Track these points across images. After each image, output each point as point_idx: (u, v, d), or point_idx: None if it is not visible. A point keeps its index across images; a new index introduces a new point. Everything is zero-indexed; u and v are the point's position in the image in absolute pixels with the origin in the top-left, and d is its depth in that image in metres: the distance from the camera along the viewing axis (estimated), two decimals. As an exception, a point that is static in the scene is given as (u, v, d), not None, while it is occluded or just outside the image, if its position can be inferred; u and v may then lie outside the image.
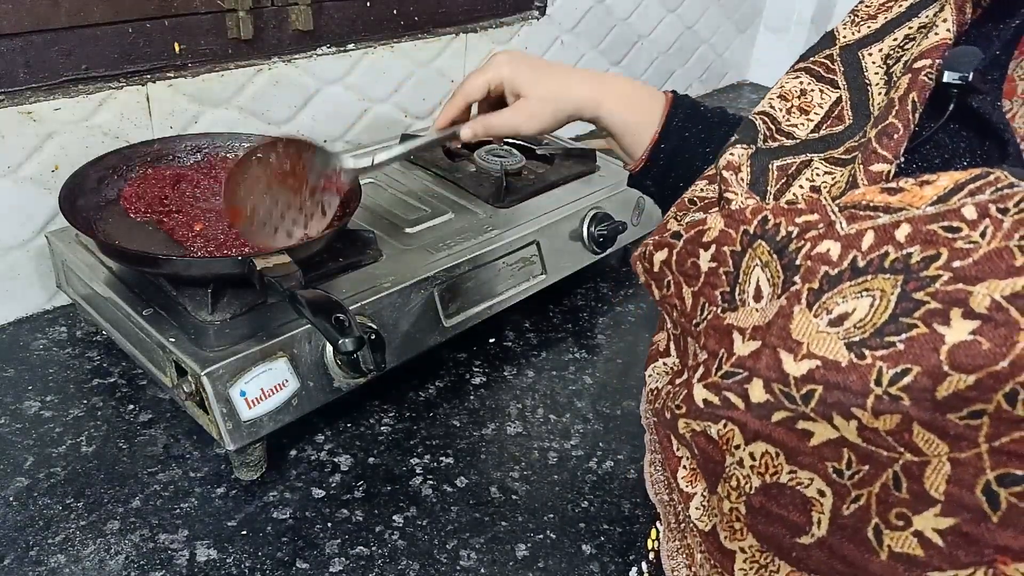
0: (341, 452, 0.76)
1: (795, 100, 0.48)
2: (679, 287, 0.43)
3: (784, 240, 0.37)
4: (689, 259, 0.42)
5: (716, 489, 0.41)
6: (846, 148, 0.44)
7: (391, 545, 0.67)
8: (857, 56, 0.48)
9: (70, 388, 0.80)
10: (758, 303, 0.37)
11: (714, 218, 0.41)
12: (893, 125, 0.39)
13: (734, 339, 0.38)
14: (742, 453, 0.38)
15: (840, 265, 0.34)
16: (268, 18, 0.98)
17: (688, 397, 0.40)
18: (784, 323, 0.35)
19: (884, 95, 0.44)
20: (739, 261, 0.39)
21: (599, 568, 0.67)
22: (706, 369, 0.39)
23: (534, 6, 1.30)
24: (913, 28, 0.47)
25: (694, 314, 0.42)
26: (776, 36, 1.83)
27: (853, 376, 0.32)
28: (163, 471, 0.72)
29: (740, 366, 0.37)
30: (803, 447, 0.35)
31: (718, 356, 0.39)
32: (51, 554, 0.64)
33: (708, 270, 0.41)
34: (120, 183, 0.81)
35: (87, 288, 0.79)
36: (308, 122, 1.07)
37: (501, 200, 0.95)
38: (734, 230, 0.40)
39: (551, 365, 0.90)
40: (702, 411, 0.39)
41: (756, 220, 0.39)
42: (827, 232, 0.35)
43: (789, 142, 0.46)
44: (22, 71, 0.82)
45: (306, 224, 0.72)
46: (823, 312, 0.34)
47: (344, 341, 0.59)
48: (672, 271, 0.44)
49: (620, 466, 0.77)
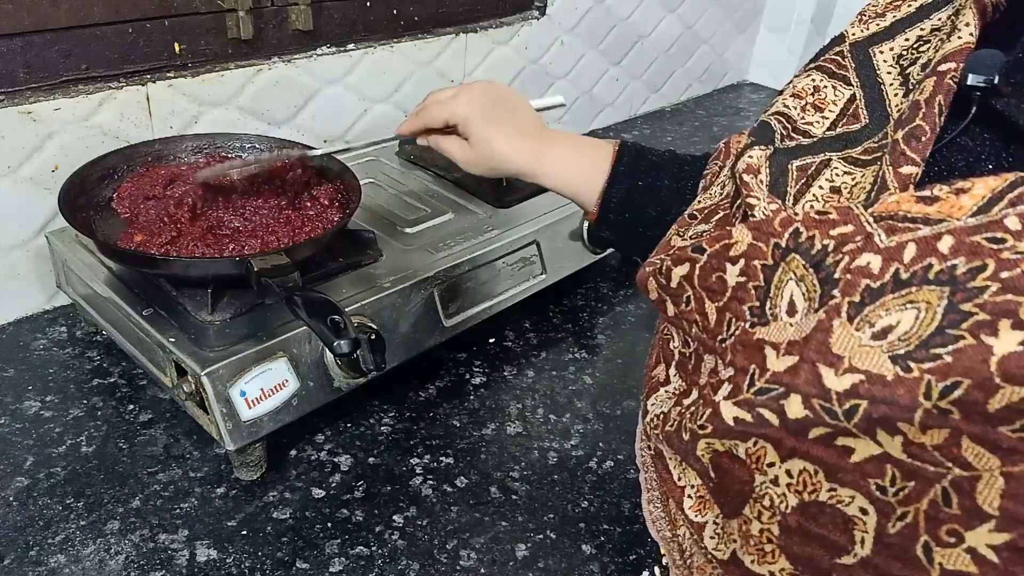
0: (341, 452, 0.76)
1: (808, 97, 0.48)
2: (701, 302, 0.43)
3: (820, 253, 0.36)
4: (714, 273, 0.42)
5: (741, 511, 0.40)
6: (865, 148, 0.43)
7: (391, 545, 0.67)
8: (868, 53, 0.48)
9: (70, 388, 0.80)
10: (792, 317, 0.37)
11: (740, 231, 0.40)
12: (920, 128, 0.39)
13: (767, 354, 0.37)
14: (777, 471, 0.37)
15: (882, 278, 0.34)
16: (268, 18, 0.98)
17: (715, 416, 0.39)
18: (824, 337, 0.34)
19: (902, 96, 0.44)
20: (771, 275, 0.38)
21: (599, 568, 0.67)
22: (735, 386, 0.38)
23: (534, 6, 1.30)
24: (926, 30, 0.47)
25: (719, 330, 0.41)
26: (776, 36, 1.83)
27: (900, 390, 0.32)
28: (163, 471, 0.72)
29: (776, 382, 0.36)
30: (844, 464, 0.35)
31: (749, 372, 0.38)
32: (51, 554, 0.64)
33: (736, 284, 0.40)
34: (120, 183, 0.81)
35: (87, 288, 0.79)
36: (308, 122, 1.07)
37: (501, 200, 0.95)
38: (764, 243, 0.39)
39: (551, 365, 0.90)
40: (731, 429, 0.38)
41: (787, 233, 0.38)
42: (866, 245, 0.35)
43: (806, 141, 0.45)
44: (22, 71, 0.82)
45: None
46: (865, 325, 0.33)
47: (340, 343, 0.59)
48: (694, 286, 0.43)
49: (620, 466, 0.77)
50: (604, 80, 1.50)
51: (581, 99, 1.48)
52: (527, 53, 1.32)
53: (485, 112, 0.69)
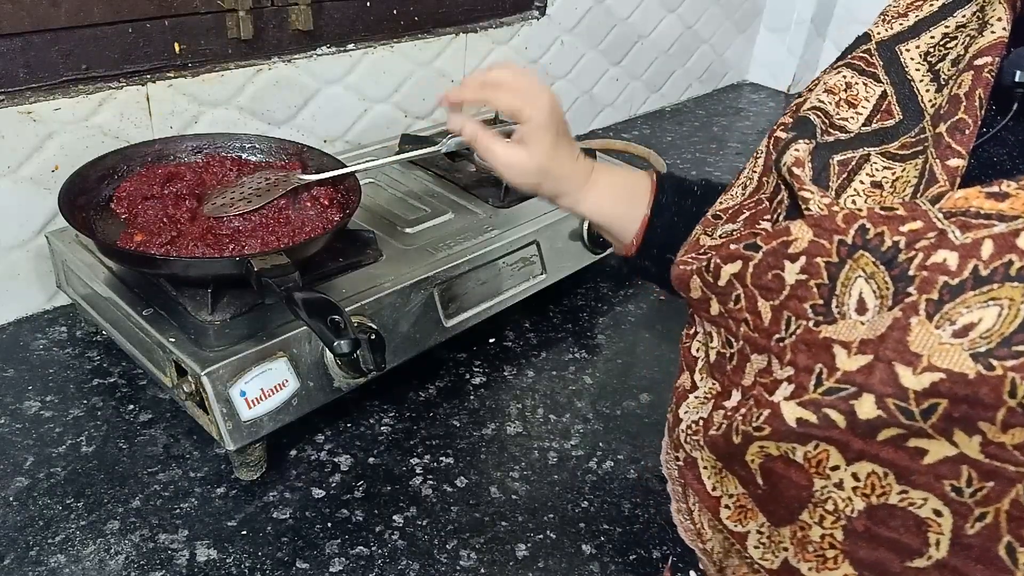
0: (341, 452, 0.76)
1: (842, 94, 0.48)
2: (753, 301, 0.42)
3: (891, 251, 0.36)
4: (770, 271, 0.41)
5: (798, 517, 0.39)
6: (902, 143, 0.43)
7: (391, 545, 0.67)
8: (895, 51, 0.48)
9: (70, 388, 0.80)
10: (862, 315, 0.36)
11: (800, 228, 0.40)
12: (963, 121, 0.39)
13: (836, 353, 0.36)
14: (842, 474, 0.37)
15: (960, 275, 0.33)
16: (268, 18, 0.98)
17: (774, 416, 0.38)
18: (901, 335, 0.34)
19: (934, 92, 0.44)
20: (836, 272, 0.37)
21: (599, 568, 0.67)
22: (798, 386, 0.38)
23: (534, 6, 1.30)
24: (951, 28, 0.47)
25: (775, 329, 0.40)
26: (776, 36, 1.83)
27: (984, 388, 0.32)
28: (163, 471, 0.72)
29: (847, 381, 0.35)
30: (916, 466, 0.34)
31: (814, 372, 0.37)
32: (51, 554, 0.64)
33: (796, 282, 0.39)
34: (120, 183, 0.81)
35: (87, 288, 0.79)
36: (308, 122, 1.07)
37: (501, 200, 0.95)
38: (827, 240, 0.38)
39: (551, 365, 0.90)
40: (792, 431, 0.38)
41: (853, 229, 0.37)
42: (940, 241, 0.34)
43: (844, 136, 0.45)
44: (22, 71, 0.82)
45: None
46: (946, 323, 0.33)
47: (339, 343, 0.59)
48: (745, 284, 0.42)
49: (620, 466, 0.77)
50: (604, 80, 1.50)
51: (581, 99, 1.48)
52: (527, 53, 1.32)
53: (558, 121, 0.64)
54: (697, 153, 1.49)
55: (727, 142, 1.56)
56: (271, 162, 0.87)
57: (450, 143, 0.87)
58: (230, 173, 0.84)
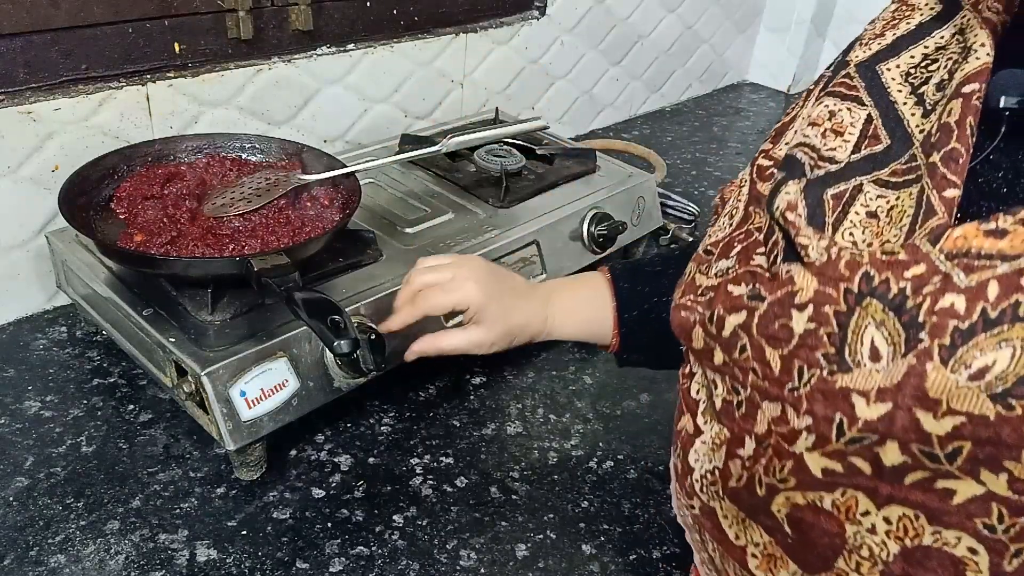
0: (341, 452, 0.76)
1: (826, 123, 0.47)
2: (760, 350, 0.41)
3: (899, 297, 0.36)
4: (777, 321, 0.41)
5: (833, 564, 0.39)
6: (893, 170, 0.43)
7: (391, 545, 0.67)
8: (875, 71, 0.48)
9: (70, 388, 0.80)
10: (876, 363, 0.36)
11: (803, 277, 0.40)
12: (956, 150, 0.39)
13: (855, 403, 0.36)
14: (873, 519, 0.37)
15: (970, 318, 0.34)
16: (268, 18, 0.98)
17: (798, 468, 0.38)
18: (918, 382, 0.34)
19: (921, 116, 0.44)
20: (846, 321, 0.38)
21: (599, 568, 0.67)
22: (820, 436, 0.38)
23: (534, 6, 1.30)
24: (930, 48, 0.47)
25: (787, 378, 0.40)
26: (776, 36, 1.83)
27: (1006, 429, 0.32)
28: (163, 471, 0.72)
29: (869, 430, 0.36)
30: (946, 506, 0.35)
31: (834, 422, 0.37)
32: (51, 554, 0.64)
33: (805, 332, 0.39)
34: (120, 183, 0.81)
35: (87, 288, 0.79)
36: (308, 122, 1.07)
37: (501, 200, 0.95)
38: (833, 289, 0.38)
39: (551, 365, 0.90)
40: (818, 481, 0.38)
41: (858, 277, 0.37)
42: (945, 285, 0.35)
43: (834, 167, 0.45)
44: (22, 71, 0.82)
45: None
46: (961, 367, 0.33)
47: (339, 343, 0.59)
48: (751, 334, 0.42)
49: (620, 466, 0.77)
50: (604, 80, 1.50)
51: (581, 99, 1.48)
52: (527, 53, 1.32)
53: (490, 289, 0.66)
54: (697, 153, 1.49)
55: (727, 142, 1.56)
56: (271, 162, 0.87)
57: (450, 143, 0.87)
58: (230, 173, 0.84)
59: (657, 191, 1.10)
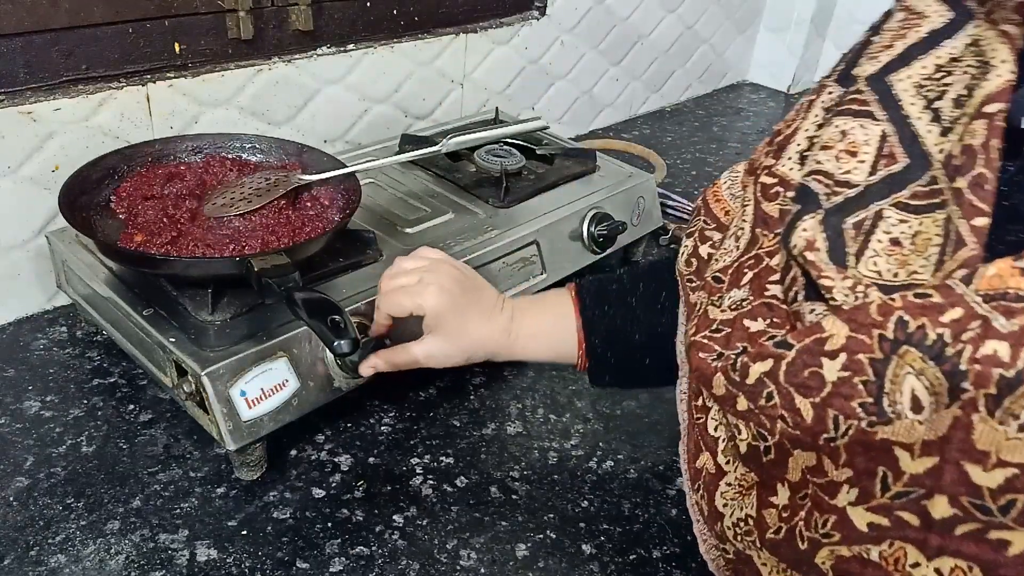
0: (341, 452, 0.76)
1: (838, 145, 0.45)
2: (789, 399, 0.40)
3: (937, 344, 0.34)
4: (807, 369, 0.39)
5: None
6: (913, 192, 0.41)
7: (391, 545, 0.67)
8: (885, 83, 0.46)
9: (70, 388, 0.80)
10: (918, 415, 0.35)
11: (833, 323, 0.38)
12: (983, 176, 0.37)
13: (898, 456, 0.35)
14: (924, 571, 0.36)
15: (1015, 366, 0.32)
16: (268, 18, 0.98)
17: (842, 524, 0.37)
18: (964, 435, 0.33)
19: (939, 134, 0.42)
20: (882, 369, 0.36)
21: (599, 568, 0.67)
22: (863, 491, 0.36)
23: (534, 6, 1.30)
24: (943, 59, 0.45)
25: (821, 428, 0.38)
26: (776, 36, 1.83)
27: None
28: (163, 471, 0.72)
29: (916, 484, 0.34)
30: (1001, 558, 0.34)
31: (878, 476, 0.36)
32: (51, 554, 0.64)
33: (838, 380, 0.37)
34: (120, 183, 0.81)
35: (87, 288, 0.79)
36: (308, 122, 1.07)
37: (501, 200, 0.95)
38: (866, 336, 0.36)
39: (551, 365, 0.90)
40: (864, 535, 0.36)
41: (892, 323, 0.36)
42: (986, 331, 0.33)
43: (851, 191, 0.43)
44: (22, 71, 0.82)
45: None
46: (1009, 418, 0.32)
47: (340, 343, 0.59)
48: (779, 382, 0.40)
49: (620, 466, 0.78)
50: (604, 80, 1.51)
51: (581, 99, 1.48)
52: (527, 53, 1.32)
53: (454, 299, 0.65)
54: (697, 153, 1.49)
55: (727, 142, 1.56)
56: (271, 162, 0.88)
57: (450, 143, 0.87)
58: (230, 173, 0.84)
59: (657, 191, 1.10)
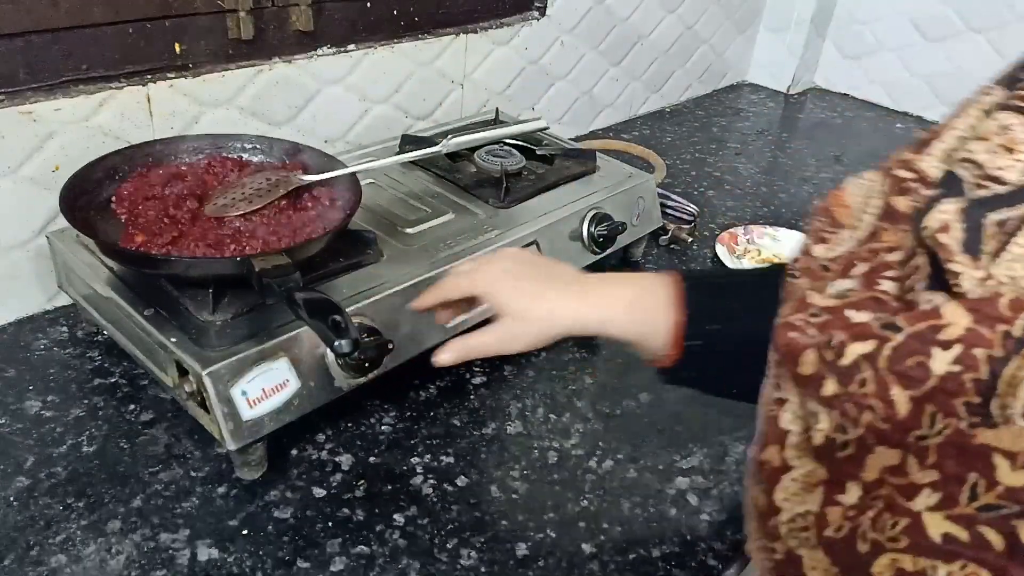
0: (342, 451, 0.76)
1: (995, 139, 0.41)
2: (885, 387, 0.36)
3: None
4: (912, 357, 0.36)
5: None
6: None
7: (392, 544, 0.67)
8: None
9: (71, 388, 0.80)
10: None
11: (954, 311, 0.35)
12: None
13: (996, 464, 0.32)
14: None
15: None
16: (269, 18, 0.98)
17: (914, 528, 0.34)
18: None
19: None
20: (999, 369, 0.33)
21: (599, 568, 0.67)
22: (947, 496, 0.34)
23: (534, 6, 1.30)
24: None
25: (914, 423, 0.35)
26: (776, 36, 1.83)
27: None
28: (164, 471, 0.72)
29: (1011, 499, 0.32)
30: None
31: (967, 482, 0.33)
32: (52, 554, 0.64)
33: (946, 374, 0.34)
34: (120, 184, 0.81)
35: (88, 288, 0.79)
36: (309, 122, 1.07)
37: (501, 200, 0.96)
38: (988, 329, 0.33)
39: (551, 365, 0.91)
40: (936, 548, 0.34)
41: (1022, 320, 0.33)
42: None
43: (1001, 188, 0.39)
44: (22, 71, 0.82)
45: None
46: None
47: (340, 343, 0.59)
48: (877, 367, 0.37)
49: (620, 466, 0.78)
50: (604, 80, 1.51)
51: (581, 99, 1.48)
52: (527, 53, 1.32)
53: (515, 275, 0.61)
54: (697, 153, 1.49)
55: (727, 142, 1.56)
56: (272, 162, 0.88)
57: (450, 144, 0.87)
58: (231, 174, 0.84)
59: (657, 191, 1.10)
